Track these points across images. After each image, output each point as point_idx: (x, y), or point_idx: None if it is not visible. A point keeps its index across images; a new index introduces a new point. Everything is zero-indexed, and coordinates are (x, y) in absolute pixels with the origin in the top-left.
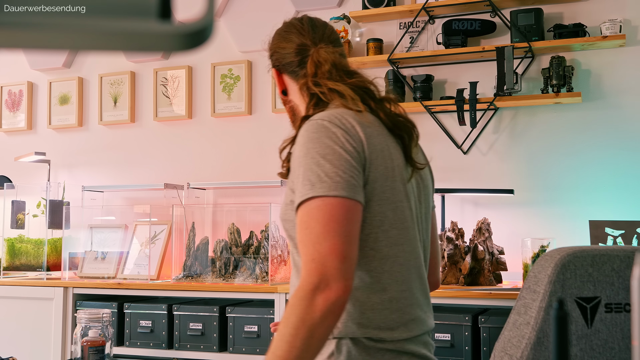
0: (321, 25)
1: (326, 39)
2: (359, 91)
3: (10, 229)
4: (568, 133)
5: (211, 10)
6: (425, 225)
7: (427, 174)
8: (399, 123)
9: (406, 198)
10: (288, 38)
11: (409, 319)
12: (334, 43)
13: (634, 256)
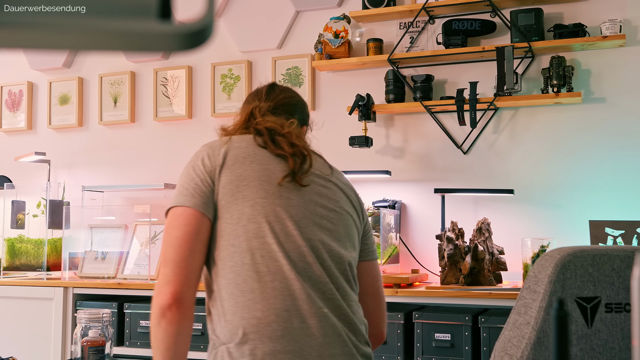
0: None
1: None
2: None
3: (10, 229)
4: (568, 133)
5: (211, 10)
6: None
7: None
8: (284, 149)
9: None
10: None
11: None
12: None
13: (634, 256)
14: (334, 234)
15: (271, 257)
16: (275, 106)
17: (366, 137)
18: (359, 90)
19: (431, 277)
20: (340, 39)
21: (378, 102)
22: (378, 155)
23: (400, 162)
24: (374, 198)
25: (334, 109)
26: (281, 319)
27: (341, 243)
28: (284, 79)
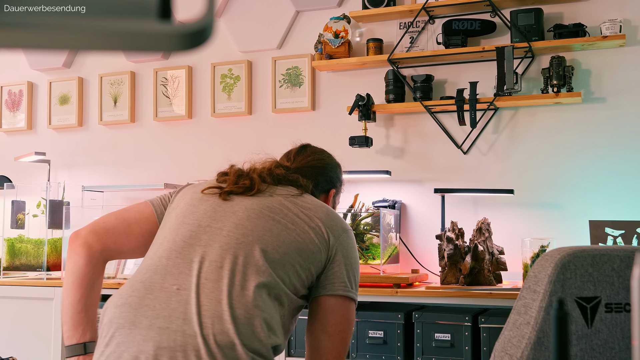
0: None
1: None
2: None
3: (10, 229)
4: (568, 133)
5: (211, 10)
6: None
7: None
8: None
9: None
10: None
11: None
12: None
13: (634, 256)
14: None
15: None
16: (298, 169)
17: (366, 137)
18: (359, 90)
19: (431, 277)
20: (340, 39)
21: (378, 102)
22: (378, 155)
23: (400, 162)
24: (374, 198)
25: (334, 109)
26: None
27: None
28: (284, 79)
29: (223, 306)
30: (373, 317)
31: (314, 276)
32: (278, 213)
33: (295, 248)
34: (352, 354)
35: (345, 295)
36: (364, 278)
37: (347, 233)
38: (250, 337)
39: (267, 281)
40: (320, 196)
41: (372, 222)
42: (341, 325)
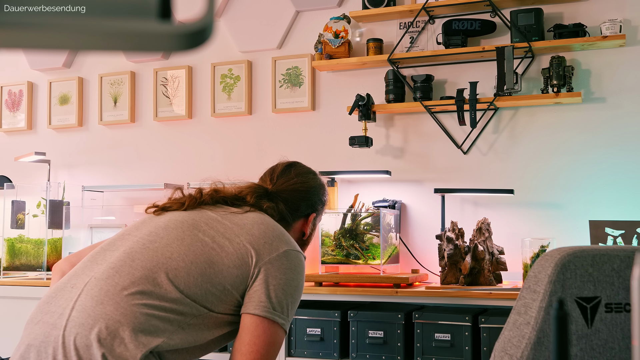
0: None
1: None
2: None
3: (10, 229)
4: (568, 133)
5: (211, 10)
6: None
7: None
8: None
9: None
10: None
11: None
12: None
13: (634, 256)
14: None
15: None
16: (277, 192)
17: (366, 137)
18: (359, 90)
19: (431, 277)
20: (340, 39)
21: (378, 102)
22: (378, 155)
23: (400, 162)
24: (374, 198)
25: (334, 109)
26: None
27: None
28: (284, 79)
29: (96, 304)
30: (373, 317)
31: (235, 294)
32: (199, 227)
33: (205, 260)
34: (352, 354)
35: (263, 316)
36: (364, 278)
37: (286, 254)
38: (109, 341)
39: (158, 289)
40: (299, 220)
41: (372, 222)
42: (254, 346)
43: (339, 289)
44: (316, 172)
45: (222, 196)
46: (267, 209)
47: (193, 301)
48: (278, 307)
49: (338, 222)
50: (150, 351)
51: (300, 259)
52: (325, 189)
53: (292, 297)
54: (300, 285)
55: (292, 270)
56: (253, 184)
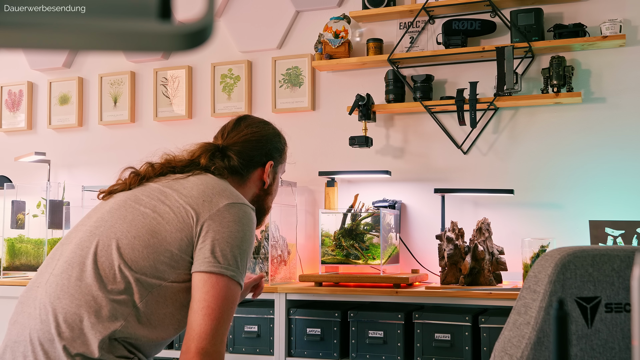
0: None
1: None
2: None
3: (10, 229)
4: (568, 133)
5: (211, 10)
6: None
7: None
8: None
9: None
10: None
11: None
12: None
13: (634, 256)
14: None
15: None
16: (228, 146)
17: (366, 137)
18: (359, 90)
19: (431, 277)
20: (340, 39)
21: (378, 102)
22: (378, 155)
23: (400, 162)
24: (374, 198)
25: (334, 109)
26: None
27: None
28: (284, 79)
29: (54, 300)
30: (373, 317)
31: (185, 257)
32: (140, 201)
33: (147, 231)
34: (352, 354)
35: (208, 271)
36: (364, 278)
37: (227, 208)
38: (69, 334)
39: (110, 271)
40: (255, 170)
41: (372, 222)
42: (204, 302)
43: (339, 289)
44: (269, 122)
45: (172, 166)
46: (214, 168)
47: (143, 275)
48: (223, 260)
49: (338, 222)
50: (109, 337)
51: (244, 210)
52: (281, 137)
53: (238, 249)
54: (247, 235)
55: (236, 222)
56: (204, 144)
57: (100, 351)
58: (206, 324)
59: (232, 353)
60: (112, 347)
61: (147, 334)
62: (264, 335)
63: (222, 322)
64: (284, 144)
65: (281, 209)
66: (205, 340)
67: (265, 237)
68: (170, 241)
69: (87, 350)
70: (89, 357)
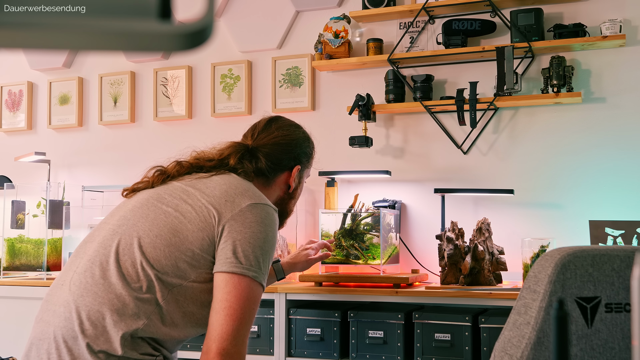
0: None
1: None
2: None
3: (10, 229)
4: (568, 133)
5: (211, 10)
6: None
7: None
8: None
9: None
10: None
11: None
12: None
13: (634, 256)
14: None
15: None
16: (258, 147)
17: (366, 137)
18: (359, 90)
19: (431, 277)
20: (340, 39)
21: (378, 102)
22: (378, 155)
23: (400, 162)
24: (374, 198)
25: (334, 109)
26: None
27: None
28: (284, 79)
29: (77, 297)
30: (373, 317)
31: (207, 257)
32: (162, 200)
33: (169, 230)
34: (352, 354)
35: (230, 272)
36: (364, 278)
37: (249, 208)
38: (92, 331)
39: (132, 269)
40: (282, 173)
41: (372, 222)
42: (226, 302)
43: (339, 289)
44: (300, 125)
45: (200, 165)
46: (239, 168)
47: (165, 274)
48: (245, 261)
49: (338, 222)
50: (132, 334)
51: (267, 211)
52: (310, 142)
53: (260, 249)
54: (270, 236)
55: (258, 223)
56: (233, 143)
57: (123, 348)
58: (227, 325)
59: None
60: (135, 344)
61: (169, 332)
62: (264, 335)
63: (243, 323)
64: (312, 149)
65: None
66: (227, 341)
67: None
68: (192, 240)
69: (111, 348)
70: (112, 354)
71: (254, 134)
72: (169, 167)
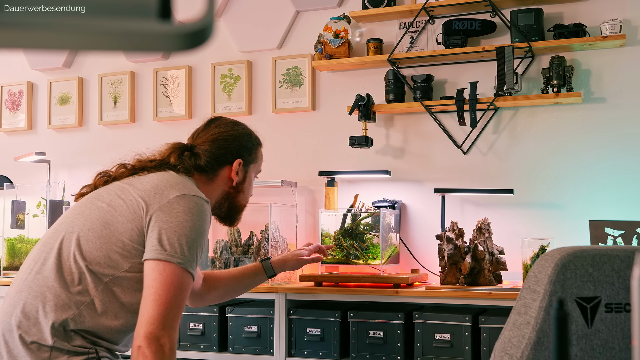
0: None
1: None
2: None
3: (10, 229)
4: (568, 133)
5: (211, 10)
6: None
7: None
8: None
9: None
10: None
11: None
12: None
13: (634, 256)
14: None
15: None
16: (197, 145)
17: (366, 137)
18: (359, 90)
19: (431, 277)
20: (340, 39)
21: (378, 102)
22: (378, 155)
23: (400, 162)
24: (374, 198)
25: (334, 109)
26: None
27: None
28: (284, 79)
29: (16, 293)
30: (373, 317)
31: (137, 247)
32: (99, 197)
33: (101, 223)
34: (352, 354)
35: (155, 258)
36: (364, 278)
37: (177, 199)
38: (25, 323)
39: (67, 263)
40: (223, 168)
41: (372, 222)
42: (152, 288)
43: (339, 289)
44: (240, 122)
45: (143, 166)
46: (179, 165)
47: (97, 265)
48: (170, 248)
49: (338, 222)
50: (63, 325)
51: (195, 201)
52: (252, 137)
53: (186, 237)
54: (197, 225)
55: (185, 212)
56: (174, 143)
57: (54, 338)
58: (154, 310)
59: (232, 353)
60: (67, 336)
61: (108, 323)
62: (264, 335)
63: (170, 308)
64: (255, 144)
65: (281, 209)
66: (153, 325)
67: (265, 237)
68: (122, 231)
69: (42, 338)
70: (43, 344)
71: (194, 135)
72: (112, 170)
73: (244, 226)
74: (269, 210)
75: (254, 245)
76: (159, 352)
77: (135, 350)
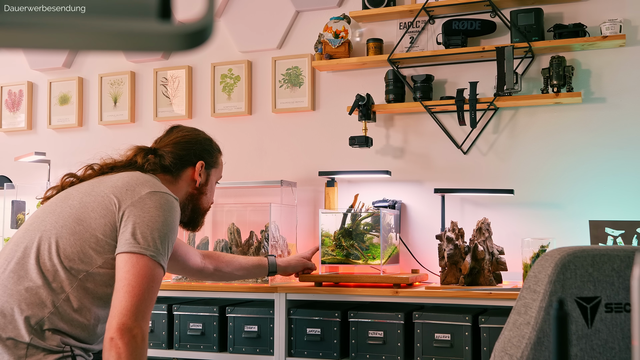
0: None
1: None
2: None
3: (10, 229)
4: (568, 133)
5: (211, 10)
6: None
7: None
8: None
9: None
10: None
11: None
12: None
13: (634, 256)
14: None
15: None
16: (160, 148)
17: (366, 137)
18: (359, 90)
19: (431, 277)
20: (340, 39)
21: (378, 102)
22: (378, 155)
23: (400, 162)
24: (374, 198)
25: (334, 109)
26: None
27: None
28: (284, 79)
29: None
30: (373, 317)
31: (110, 242)
32: (70, 196)
33: (73, 220)
34: (352, 354)
35: (128, 251)
36: (364, 278)
37: (148, 196)
38: (2, 319)
39: (41, 261)
40: (187, 169)
41: (372, 222)
42: (125, 280)
43: (339, 289)
44: (200, 130)
45: (111, 167)
46: (146, 165)
47: (71, 261)
48: (143, 242)
49: (338, 222)
50: (39, 323)
51: (166, 198)
52: (212, 142)
53: (158, 231)
54: (168, 220)
55: (157, 208)
56: (138, 146)
57: (30, 335)
58: (126, 301)
59: (232, 353)
60: (43, 335)
61: (82, 320)
62: (264, 335)
63: (142, 300)
64: (215, 149)
65: (281, 209)
66: (126, 317)
67: (265, 237)
68: (95, 227)
69: (18, 335)
70: (20, 341)
71: (157, 141)
72: (79, 172)
73: (244, 226)
74: (269, 210)
75: (254, 245)
76: (131, 343)
77: (108, 341)
